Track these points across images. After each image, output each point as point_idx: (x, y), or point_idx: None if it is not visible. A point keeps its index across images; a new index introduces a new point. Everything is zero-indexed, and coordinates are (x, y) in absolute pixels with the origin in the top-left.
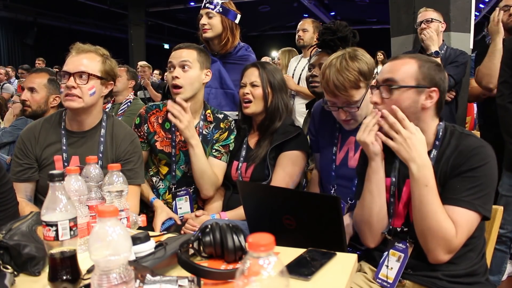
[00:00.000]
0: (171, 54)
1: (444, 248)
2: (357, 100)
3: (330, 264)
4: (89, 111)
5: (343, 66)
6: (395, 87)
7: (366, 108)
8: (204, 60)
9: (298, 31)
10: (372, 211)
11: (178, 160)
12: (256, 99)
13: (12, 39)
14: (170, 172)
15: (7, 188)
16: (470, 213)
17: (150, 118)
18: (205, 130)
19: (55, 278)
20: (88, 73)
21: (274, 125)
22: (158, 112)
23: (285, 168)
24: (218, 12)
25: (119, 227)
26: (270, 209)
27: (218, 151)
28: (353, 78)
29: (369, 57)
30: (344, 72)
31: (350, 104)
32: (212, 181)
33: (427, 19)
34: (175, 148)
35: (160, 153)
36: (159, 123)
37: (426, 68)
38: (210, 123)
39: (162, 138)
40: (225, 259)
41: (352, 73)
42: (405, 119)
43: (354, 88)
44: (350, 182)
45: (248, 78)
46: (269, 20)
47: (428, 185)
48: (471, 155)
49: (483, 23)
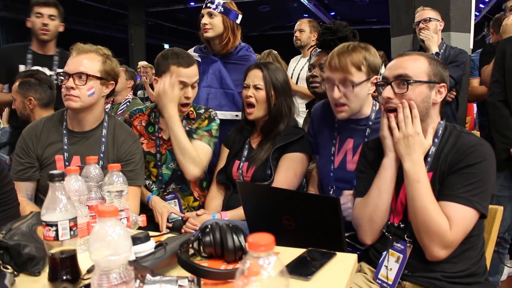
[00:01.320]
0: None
1: (438, 243)
2: (354, 81)
3: (330, 264)
4: (90, 111)
5: (352, 47)
6: (411, 81)
7: (360, 99)
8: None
9: (295, 31)
10: (378, 207)
11: (165, 160)
12: (259, 102)
13: (12, 39)
14: (159, 173)
15: (8, 189)
16: (466, 209)
17: (134, 122)
18: (188, 126)
19: (55, 278)
20: (86, 74)
21: (277, 128)
22: (141, 116)
23: (288, 169)
24: (220, 12)
25: (119, 227)
26: (269, 209)
27: (198, 134)
28: (357, 58)
29: (378, 57)
30: (351, 52)
31: (346, 82)
32: (192, 158)
33: (425, 18)
34: (160, 152)
35: (148, 155)
36: (143, 126)
37: (435, 65)
38: (193, 120)
39: (147, 140)
40: (225, 259)
41: (358, 55)
42: (417, 118)
43: (355, 67)
44: (348, 185)
45: (251, 80)
46: (269, 20)
47: (419, 181)
48: (469, 152)
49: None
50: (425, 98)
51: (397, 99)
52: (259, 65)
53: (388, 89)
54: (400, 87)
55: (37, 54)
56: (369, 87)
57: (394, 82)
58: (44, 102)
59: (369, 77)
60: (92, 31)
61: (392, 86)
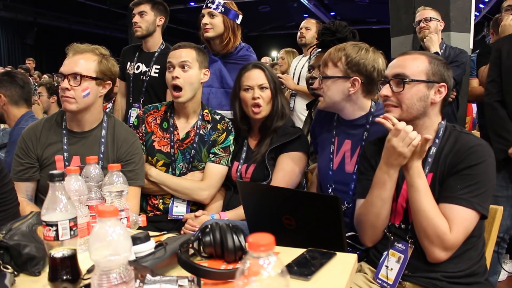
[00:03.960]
0: (169, 54)
1: (439, 245)
2: (327, 74)
3: (330, 264)
4: (87, 111)
5: (342, 46)
6: (408, 80)
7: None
8: (203, 59)
9: (301, 28)
10: (380, 215)
11: (176, 159)
12: (266, 102)
13: (12, 39)
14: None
15: (8, 189)
16: (467, 211)
17: (148, 118)
18: (203, 130)
19: (55, 278)
20: (81, 74)
21: (275, 124)
22: (156, 113)
23: (285, 168)
24: (220, 12)
25: (119, 227)
26: (270, 209)
27: (216, 155)
28: (336, 55)
29: (373, 56)
30: (335, 49)
31: (324, 75)
32: (193, 191)
33: (425, 18)
34: (173, 148)
35: (158, 153)
36: (157, 123)
37: (436, 64)
38: (208, 123)
39: (160, 138)
40: (225, 259)
41: (340, 53)
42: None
43: (332, 62)
44: (346, 187)
45: (255, 81)
46: (269, 20)
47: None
48: (469, 153)
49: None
50: (422, 97)
51: (395, 97)
52: (258, 65)
53: (387, 87)
54: (398, 85)
55: (143, 51)
56: (348, 87)
57: (392, 80)
58: (15, 100)
59: (345, 76)
60: (92, 31)
61: (391, 84)
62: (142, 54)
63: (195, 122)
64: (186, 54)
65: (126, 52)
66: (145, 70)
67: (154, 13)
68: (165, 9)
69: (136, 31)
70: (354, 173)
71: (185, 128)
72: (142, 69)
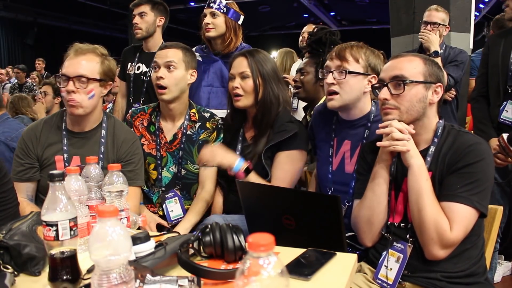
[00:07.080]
0: (156, 54)
1: (438, 242)
2: (349, 68)
3: (330, 264)
4: (90, 113)
5: (356, 44)
6: (407, 81)
7: (353, 90)
8: (190, 60)
9: (303, 33)
10: (374, 210)
11: (166, 163)
12: (247, 92)
13: (12, 39)
14: (161, 175)
15: (7, 188)
16: (467, 208)
17: (135, 122)
18: (190, 130)
19: (55, 278)
20: (87, 77)
21: (267, 118)
22: (143, 115)
23: (285, 166)
24: (222, 12)
25: (119, 227)
26: (269, 209)
27: None
28: (357, 51)
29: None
30: (354, 46)
31: (341, 70)
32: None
33: (434, 22)
34: (159, 151)
35: (149, 157)
36: (144, 126)
37: (430, 65)
38: (195, 122)
39: (148, 141)
40: (225, 259)
41: (359, 50)
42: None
43: (353, 58)
44: (346, 187)
45: (235, 69)
46: (269, 20)
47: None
48: (467, 151)
49: (483, 23)
50: (422, 98)
51: (394, 100)
52: (243, 53)
53: (385, 90)
54: (397, 88)
55: (143, 52)
56: (365, 84)
57: (391, 83)
58: None
59: (366, 73)
60: (92, 31)
61: (389, 87)
62: (143, 54)
63: (181, 123)
64: (172, 54)
65: (127, 53)
66: (146, 71)
67: (154, 14)
68: (165, 9)
69: (136, 34)
70: (354, 173)
71: (172, 130)
72: (142, 69)
